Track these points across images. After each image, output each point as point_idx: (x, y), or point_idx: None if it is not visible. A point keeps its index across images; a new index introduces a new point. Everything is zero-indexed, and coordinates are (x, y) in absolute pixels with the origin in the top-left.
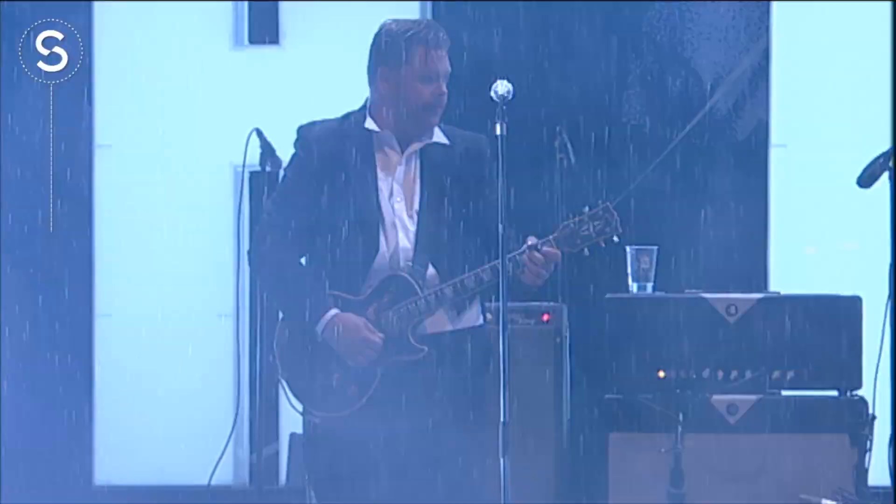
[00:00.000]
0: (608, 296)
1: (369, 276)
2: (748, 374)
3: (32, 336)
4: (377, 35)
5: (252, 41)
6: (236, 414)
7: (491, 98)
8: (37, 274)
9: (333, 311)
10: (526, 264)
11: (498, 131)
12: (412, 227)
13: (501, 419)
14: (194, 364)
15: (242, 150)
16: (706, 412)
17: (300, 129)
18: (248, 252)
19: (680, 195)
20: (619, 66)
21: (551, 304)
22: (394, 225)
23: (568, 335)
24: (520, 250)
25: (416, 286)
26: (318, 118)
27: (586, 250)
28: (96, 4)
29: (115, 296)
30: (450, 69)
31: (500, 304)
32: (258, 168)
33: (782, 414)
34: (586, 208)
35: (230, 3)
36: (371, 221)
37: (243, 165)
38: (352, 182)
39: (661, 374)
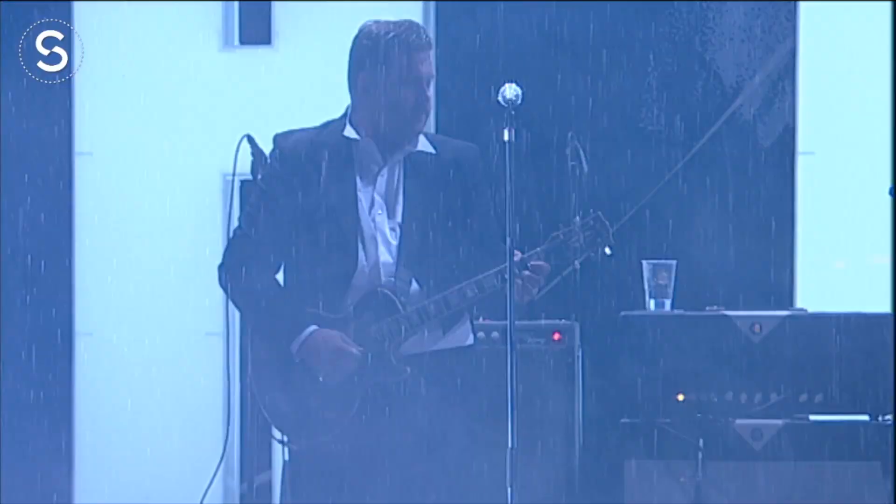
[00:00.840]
0: (624, 313)
1: (348, 292)
2: (774, 398)
3: (8, 355)
4: (356, 38)
5: (243, 41)
6: (226, 439)
7: (498, 102)
8: (13, 289)
9: (310, 329)
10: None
11: (506, 137)
12: (394, 241)
13: (510, 445)
14: (181, 386)
15: (232, 157)
16: (729, 438)
17: (276, 138)
18: (219, 267)
19: (700, 205)
20: (636, 69)
21: (563, 322)
22: (374, 239)
23: (581, 355)
24: (504, 264)
25: (398, 303)
26: (314, 123)
27: (577, 263)
28: (76, 6)
29: (96, 313)
30: (434, 72)
31: (508, 321)
32: (249, 176)
33: (810, 440)
34: (577, 218)
35: (219, 1)
36: (350, 235)
37: (233, 174)
38: (330, 194)
39: (681, 396)
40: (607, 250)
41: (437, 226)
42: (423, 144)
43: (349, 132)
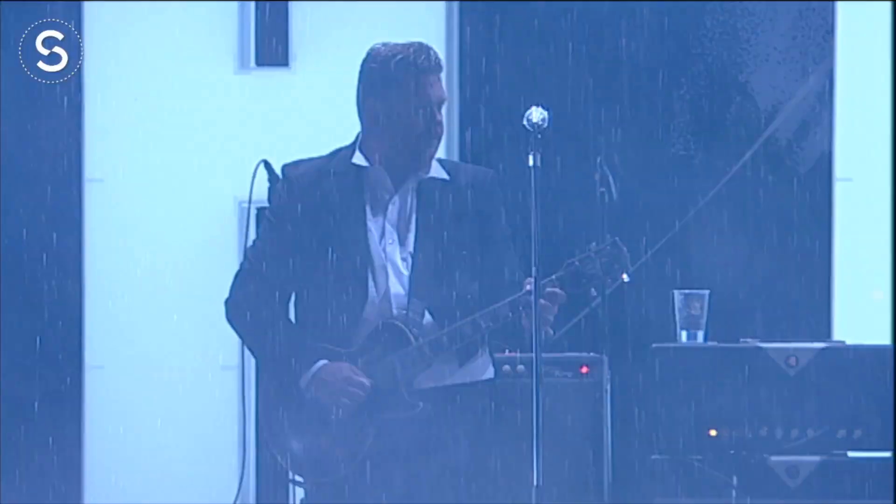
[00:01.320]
0: (655, 345)
1: (359, 325)
2: (810, 433)
3: (14, 389)
4: (364, 61)
5: (259, 63)
6: (241, 478)
7: (524, 126)
8: (21, 321)
9: (319, 364)
10: (525, 308)
11: (531, 162)
12: (406, 272)
13: (535, 482)
14: (195, 422)
15: (248, 183)
16: (763, 475)
17: (284, 169)
18: (226, 302)
19: (734, 234)
20: (666, 91)
21: (591, 354)
22: (385, 269)
23: (609, 389)
24: (518, 294)
25: (410, 335)
26: (333, 148)
27: (594, 290)
28: (86, 25)
29: (106, 345)
30: (445, 95)
31: (534, 354)
32: (266, 203)
33: (848, 477)
34: (593, 244)
35: (235, 22)
36: (360, 266)
37: (249, 200)
38: (339, 224)
39: (713, 432)
40: (625, 277)
41: (451, 255)
42: (436, 170)
43: (359, 159)
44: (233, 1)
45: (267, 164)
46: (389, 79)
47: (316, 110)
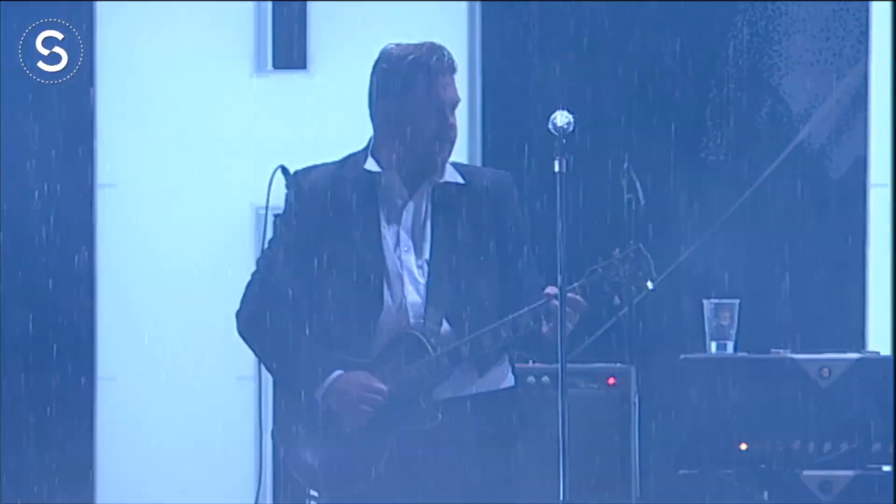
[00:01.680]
0: (683, 356)
1: (375, 335)
2: (844, 447)
3: (28, 404)
4: (376, 63)
5: (276, 66)
6: (258, 492)
7: (549, 130)
8: (32, 332)
9: (335, 374)
10: (546, 317)
11: (557, 168)
12: (422, 280)
13: (560, 497)
14: (210, 435)
15: (265, 189)
16: (795, 490)
17: (295, 175)
18: (237, 314)
19: (765, 241)
20: (696, 95)
21: (618, 365)
22: (400, 278)
23: (637, 401)
24: (539, 302)
25: (428, 345)
26: (351, 152)
27: (617, 299)
28: (99, 28)
29: (119, 356)
30: (459, 97)
31: (559, 364)
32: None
33: (884, 492)
34: (616, 250)
35: (252, 23)
36: (374, 275)
37: (266, 207)
38: (352, 232)
39: (744, 446)
40: (649, 284)
41: (468, 261)
42: (451, 174)
43: (371, 165)
44: (250, 1)
45: (284, 170)
46: (401, 80)
47: (335, 114)
